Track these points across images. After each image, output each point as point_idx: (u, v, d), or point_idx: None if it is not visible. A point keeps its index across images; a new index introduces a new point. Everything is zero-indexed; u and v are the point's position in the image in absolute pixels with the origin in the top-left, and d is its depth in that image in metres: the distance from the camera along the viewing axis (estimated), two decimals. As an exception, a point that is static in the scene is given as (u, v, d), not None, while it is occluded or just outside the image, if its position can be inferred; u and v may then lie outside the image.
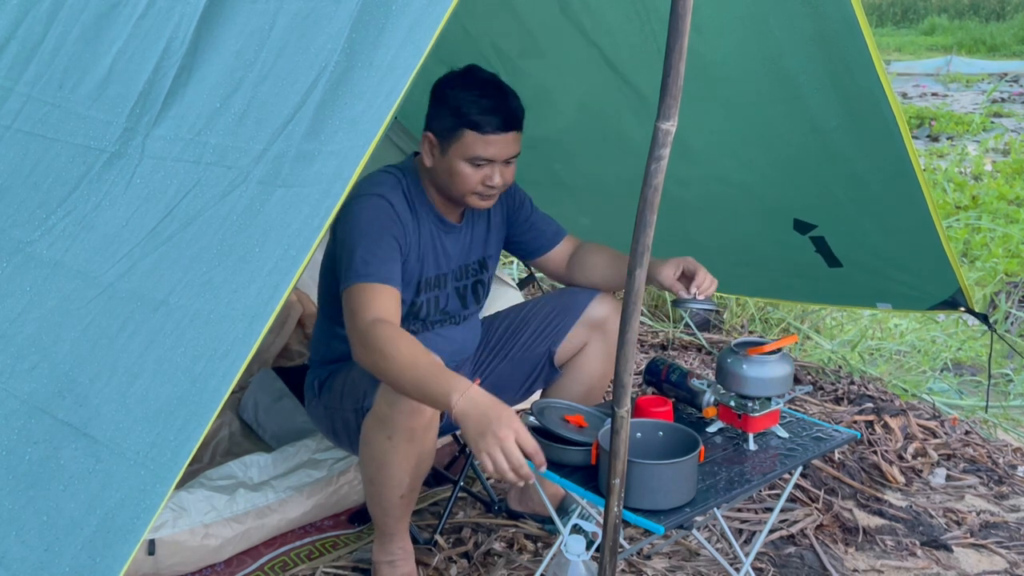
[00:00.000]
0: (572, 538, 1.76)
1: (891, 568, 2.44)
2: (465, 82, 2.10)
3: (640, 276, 1.53)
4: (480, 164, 2.07)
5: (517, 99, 2.11)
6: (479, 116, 2.03)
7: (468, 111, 2.03)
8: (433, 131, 2.10)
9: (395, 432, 1.98)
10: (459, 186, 2.11)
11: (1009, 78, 13.12)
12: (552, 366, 2.41)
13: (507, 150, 2.08)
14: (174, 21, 1.71)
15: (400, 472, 2.04)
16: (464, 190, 2.11)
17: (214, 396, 1.31)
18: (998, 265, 5.05)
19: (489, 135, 2.04)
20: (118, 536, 1.26)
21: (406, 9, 1.43)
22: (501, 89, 2.10)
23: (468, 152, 2.06)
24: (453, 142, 2.06)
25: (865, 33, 2.00)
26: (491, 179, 2.09)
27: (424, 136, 2.13)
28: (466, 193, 2.12)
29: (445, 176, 2.12)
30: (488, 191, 2.12)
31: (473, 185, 2.10)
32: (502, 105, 2.06)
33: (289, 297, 1.36)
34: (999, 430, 3.41)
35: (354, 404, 2.13)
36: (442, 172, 2.12)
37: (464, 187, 2.10)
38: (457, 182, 2.10)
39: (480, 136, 2.04)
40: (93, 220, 1.62)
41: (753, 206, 2.79)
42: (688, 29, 1.39)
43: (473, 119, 2.03)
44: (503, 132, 2.06)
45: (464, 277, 2.33)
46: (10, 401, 1.47)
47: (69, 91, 1.83)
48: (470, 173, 2.08)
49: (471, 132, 2.04)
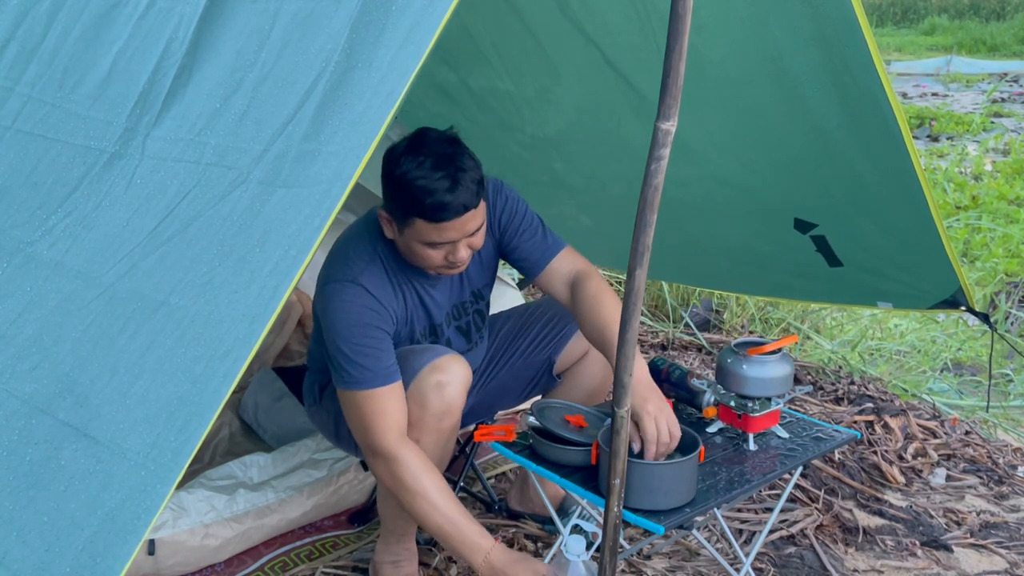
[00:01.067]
0: (572, 538, 1.76)
1: (891, 568, 2.44)
2: (414, 161, 1.90)
3: (640, 276, 1.53)
4: (439, 247, 1.96)
5: (473, 171, 1.92)
6: (428, 206, 1.87)
7: (417, 200, 1.87)
8: (387, 211, 1.98)
9: (425, 433, 1.99)
10: (423, 262, 2.00)
11: (1009, 78, 13.12)
12: (551, 375, 2.41)
13: (466, 229, 1.93)
14: (174, 21, 1.71)
15: None
16: (428, 266, 2.01)
17: (215, 396, 1.31)
18: (998, 265, 5.05)
19: (443, 223, 1.90)
20: (118, 536, 1.26)
21: (406, 9, 1.43)
22: (453, 166, 1.89)
23: (423, 238, 1.93)
24: (407, 227, 1.94)
25: (865, 33, 2.00)
26: (454, 254, 1.97)
27: (380, 213, 2.01)
28: (431, 268, 2.02)
29: (407, 253, 2.01)
30: (454, 265, 1.99)
31: (437, 262, 1.98)
32: (452, 190, 1.87)
33: (289, 297, 1.36)
34: (999, 430, 3.41)
35: None
36: (404, 249, 2.02)
37: (427, 264, 2.00)
38: (419, 261, 2.00)
39: (433, 225, 1.90)
40: (93, 220, 1.62)
41: (753, 206, 2.79)
42: (688, 29, 1.39)
43: (422, 209, 1.88)
44: (457, 217, 1.90)
45: (462, 315, 2.26)
46: (11, 401, 1.47)
47: (69, 91, 1.82)
48: (431, 254, 1.96)
49: (422, 221, 1.90)
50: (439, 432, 1.99)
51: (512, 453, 2.02)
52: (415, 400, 1.98)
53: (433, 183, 1.86)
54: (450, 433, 2.02)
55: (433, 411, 1.97)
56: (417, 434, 1.99)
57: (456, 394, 1.98)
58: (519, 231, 2.17)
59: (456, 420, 2.01)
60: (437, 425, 1.98)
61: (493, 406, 2.49)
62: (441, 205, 1.87)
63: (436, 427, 1.98)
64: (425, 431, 1.98)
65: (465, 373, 2.01)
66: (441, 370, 1.98)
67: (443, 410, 1.97)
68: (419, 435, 1.99)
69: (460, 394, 1.99)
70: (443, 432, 2.00)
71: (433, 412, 1.97)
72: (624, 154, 2.88)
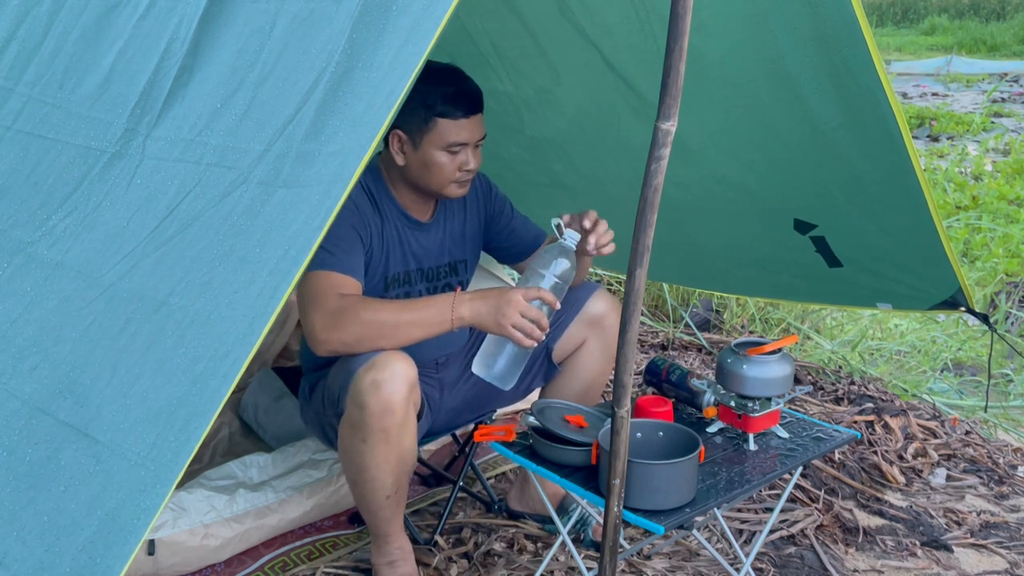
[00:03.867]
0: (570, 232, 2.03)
1: (891, 568, 2.45)
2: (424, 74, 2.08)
3: (640, 276, 1.53)
4: (455, 150, 2.12)
5: (474, 82, 2.18)
6: (448, 104, 2.09)
7: (436, 101, 2.08)
8: (401, 128, 2.13)
9: (369, 434, 1.97)
10: (437, 177, 2.15)
11: (1009, 78, 13.13)
12: (551, 362, 2.41)
13: (478, 132, 2.15)
14: (175, 21, 1.71)
15: (381, 474, 2.03)
16: (442, 180, 2.15)
17: (214, 397, 1.31)
18: (998, 265, 5.05)
19: (461, 120, 2.10)
20: (118, 536, 1.26)
21: (406, 9, 1.43)
22: (460, 74, 2.16)
23: (443, 140, 2.10)
24: (426, 134, 2.10)
25: (865, 33, 2.00)
26: (467, 164, 2.15)
27: (392, 135, 2.15)
28: (444, 184, 2.16)
29: (421, 170, 2.15)
30: (465, 176, 2.17)
31: (450, 173, 2.14)
32: (467, 89, 2.13)
33: (289, 297, 1.36)
34: (999, 430, 3.41)
35: (333, 409, 2.12)
36: (417, 167, 2.15)
37: (442, 177, 2.15)
38: (435, 173, 2.14)
39: (453, 122, 2.10)
40: (94, 221, 1.62)
41: (753, 206, 2.79)
42: (688, 29, 1.39)
43: (443, 108, 2.09)
44: (473, 115, 2.13)
45: (435, 279, 2.33)
46: (11, 402, 1.47)
47: (70, 91, 1.82)
48: (446, 162, 2.13)
49: (443, 120, 2.09)
50: (384, 431, 1.96)
51: (512, 453, 2.02)
52: (353, 402, 1.97)
53: (449, 84, 2.11)
54: (399, 431, 1.98)
55: (372, 411, 1.94)
56: (363, 435, 1.98)
57: (394, 391, 1.94)
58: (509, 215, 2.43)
59: (400, 417, 1.96)
60: (380, 424, 1.95)
61: (492, 399, 2.48)
62: (462, 93, 2.11)
63: (379, 427, 1.96)
64: (369, 433, 1.97)
65: (406, 369, 1.96)
66: (377, 368, 1.95)
67: (382, 408, 1.94)
68: (364, 436, 1.98)
69: (399, 391, 1.95)
70: (389, 431, 1.97)
71: (372, 412, 1.94)
72: (624, 155, 2.88)
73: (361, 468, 2.03)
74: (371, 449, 1.99)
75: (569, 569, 2.34)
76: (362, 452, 2.00)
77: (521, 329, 1.97)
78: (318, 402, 2.23)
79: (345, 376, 2.01)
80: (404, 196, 2.24)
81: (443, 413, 2.38)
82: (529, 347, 2.01)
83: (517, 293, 1.98)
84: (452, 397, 2.40)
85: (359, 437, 1.99)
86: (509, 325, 1.97)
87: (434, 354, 2.34)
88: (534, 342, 1.99)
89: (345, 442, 2.04)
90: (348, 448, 2.03)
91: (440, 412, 2.36)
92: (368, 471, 2.03)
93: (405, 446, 2.03)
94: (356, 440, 2.00)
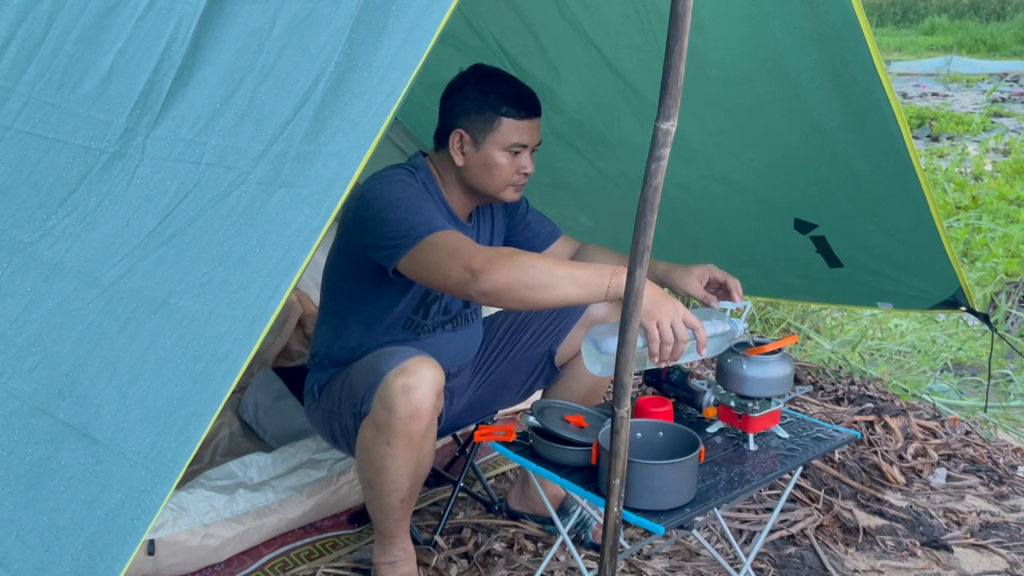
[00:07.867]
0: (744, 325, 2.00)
1: (891, 568, 2.44)
2: (487, 76, 2.17)
3: (640, 276, 1.53)
4: (516, 151, 2.14)
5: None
6: (513, 105, 2.11)
7: (501, 101, 2.11)
8: (464, 127, 2.14)
9: (393, 437, 1.98)
10: (496, 179, 2.16)
11: (1009, 78, 13.13)
12: (553, 366, 2.41)
13: (537, 136, 2.18)
14: (174, 21, 1.71)
15: (400, 476, 2.04)
16: (500, 182, 2.17)
17: (215, 397, 1.31)
18: (998, 265, 5.05)
19: (523, 120, 2.13)
20: (118, 536, 1.26)
21: (406, 9, 1.43)
22: (517, 79, 2.19)
23: (506, 140, 2.12)
24: (489, 133, 2.12)
25: (865, 33, 2.00)
26: (525, 168, 2.17)
27: (455, 134, 2.15)
28: (502, 186, 2.18)
29: (480, 170, 2.16)
30: (522, 180, 2.19)
31: (509, 175, 2.16)
32: (528, 92, 2.16)
33: (289, 297, 1.36)
34: (999, 430, 3.41)
35: (352, 409, 2.13)
36: (477, 167, 2.16)
37: (501, 179, 2.16)
38: (495, 174, 2.16)
39: (516, 123, 2.12)
40: (94, 221, 1.62)
41: (753, 206, 2.79)
42: (688, 29, 1.39)
43: (507, 108, 2.11)
44: (535, 117, 2.16)
45: None
46: (10, 402, 1.47)
47: (69, 91, 1.82)
48: (506, 163, 2.14)
49: (508, 120, 2.11)
50: (409, 436, 1.98)
51: (512, 453, 2.02)
52: (382, 404, 1.97)
53: (511, 85, 2.16)
54: (422, 436, 2.00)
55: (400, 415, 1.95)
56: (387, 438, 1.98)
57: (424, 396, 1.96)
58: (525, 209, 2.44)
59: (427, 423, 1.98)
60: (406, 429, 1.96)
61: (494, 401, 2.49)
62: (523, 96, 2.14)
63: (405, 431, 1.97)
64: (395, 435, 1.97)
65: (434, 375, 1.98)
66: (408, 373, 1.96)
67: (410, 413, 1.95)
68: (389, 439, 1.98)
69: (428, 396, 1.96)
70: (414, 436, 1.98)
71: (400, 416, 1.95)
72: (624, 154, 2.88)
73: (381, 470, 2.03)
74: (394, 452, 1.99)
75: (569, 569, 2.34)
76: (384, 455, 2.01)
77: (663, 334, 1.81)
78: (328, 401, 2.23)
79: (374, 378, 2.01)
80: (454, 198, 2.24)
81: (449, 419, 2.39)
82: (653, 354, 1.84)
83: (684, 308, 1.85)
84: (459, 403, 2.41)
85: (383, 439, 1.99)
86: (660, 321, 1.81)
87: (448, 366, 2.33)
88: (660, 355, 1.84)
89: (366, 443, 2.04)
90: (369, 449, 2.03)
91: (447, 418, 2.37)
92: (388, 473, 2.03)
93: (425, 451, 2.04)
94: (379, 442, 2.00)
